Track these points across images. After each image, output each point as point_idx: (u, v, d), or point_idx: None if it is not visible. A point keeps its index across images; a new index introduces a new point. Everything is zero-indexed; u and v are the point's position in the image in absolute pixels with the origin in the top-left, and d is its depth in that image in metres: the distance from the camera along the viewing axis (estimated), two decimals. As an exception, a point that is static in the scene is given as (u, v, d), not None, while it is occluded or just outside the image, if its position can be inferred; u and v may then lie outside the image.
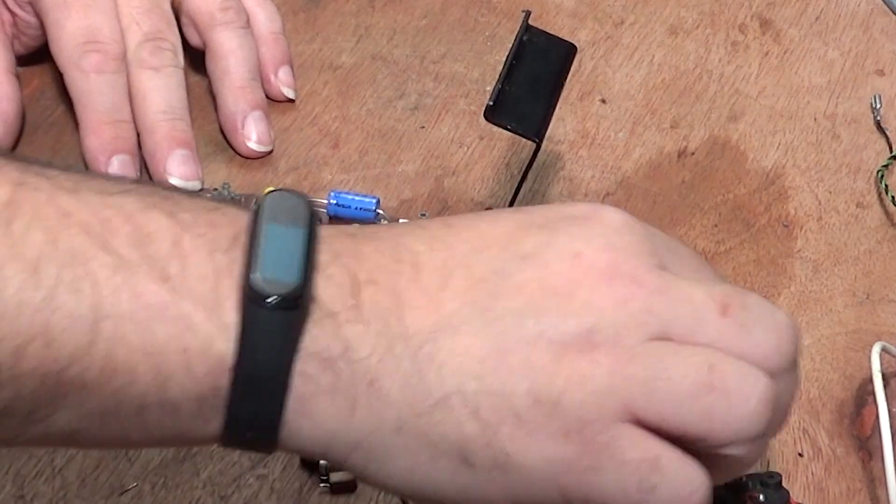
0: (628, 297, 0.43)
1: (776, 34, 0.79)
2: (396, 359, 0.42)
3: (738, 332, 0.43)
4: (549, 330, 0.43)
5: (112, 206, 0.42)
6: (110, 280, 0.40)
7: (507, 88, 0.57)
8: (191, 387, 0.41)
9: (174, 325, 0.41)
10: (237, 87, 0.68)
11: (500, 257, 0.44)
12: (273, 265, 0.41)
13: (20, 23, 0.68)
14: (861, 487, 0.57)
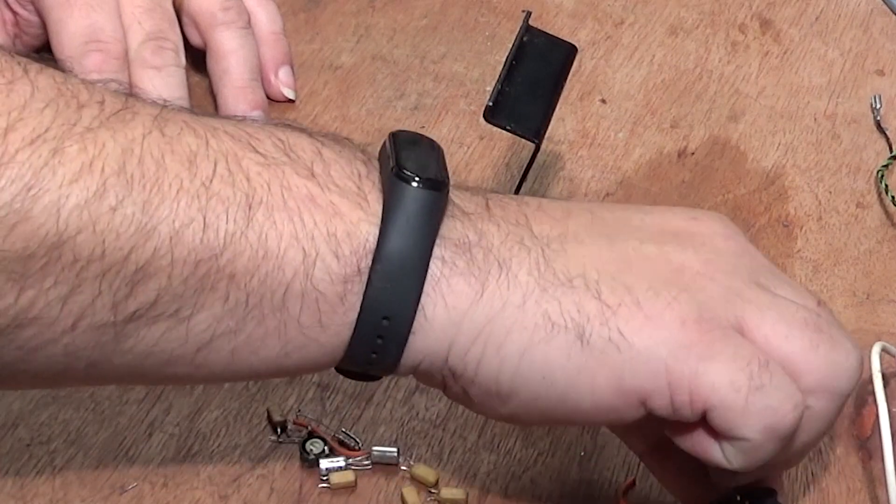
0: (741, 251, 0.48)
1: (776, 34, 0.79)
2: (526, 248, 0.46)
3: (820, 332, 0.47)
4: (670, 253, 0.47)
5: (252, 125, 0.45)
6: (261, 174, 0.43)
7: (506, 89, 0.57)
8: (336, 269, 0.44)
9: (323, 212, 0.44)
10: (237, 87, 0.68)
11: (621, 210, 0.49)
12: (416, 161, 0.45)
13: (22, 22, 0.68)
14: (861, 487, 0.57)
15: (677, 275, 0.46)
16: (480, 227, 0.46)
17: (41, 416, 0.56)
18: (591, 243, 0.47)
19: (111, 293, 0.42)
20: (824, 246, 0.67)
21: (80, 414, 0.56)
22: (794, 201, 0.69)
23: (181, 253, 0.42)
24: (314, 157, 0.45)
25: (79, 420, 0.56)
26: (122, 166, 0.41)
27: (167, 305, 0.42)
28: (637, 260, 0.47)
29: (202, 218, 0.42)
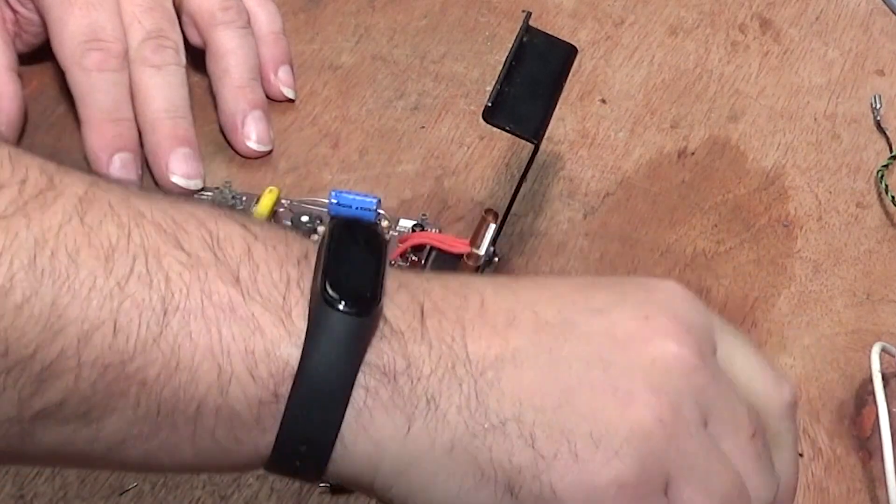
0: (693, 369, 0.43)
1: (776, 34, 0.79)
2: (458, 380, 0.42)
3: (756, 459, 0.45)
4: (616, 378, 0.43)
5: (184, 211, 0.42)
6: (182, 276, 0.40)
7: (506, 89, 0.57)
8: (252, 390, 0.41)
9: (242, 326, 0.41)
10: (237, 87, 0.68)
11: (569, 308, 0.44)
12: (346, 277, 0.42)
13: (22, 20, 0.68)
14: (861, 487, 0.57)
15: (622, 411, 0.43)
16: (410, 352, 0.42)
17: (41, 415, 0.56)
18: (531, 368, 0.43)
19: (16, 390, 0.39)
20: (824, 246, 0.67)
21: (80, 414, 0.56)
22: (794, 201, 0.69)
23: (89, 356, 0.39)
24: (242, 257, 0.42)
25: (79, 420, 0.56)
26: (33, 260, 0.39)
27: (76, 407, 0.40)
28: (580, 391, 0.43)
29: (113, 322, 0.39)
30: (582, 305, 0.44)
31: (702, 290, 0.64)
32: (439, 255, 0.62)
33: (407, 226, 0.64)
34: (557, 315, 0.44)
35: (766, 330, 0.63)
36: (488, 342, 0.43)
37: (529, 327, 0.43)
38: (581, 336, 0.43)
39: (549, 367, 0.43)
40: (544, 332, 0.43)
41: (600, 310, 0.44)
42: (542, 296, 0.44)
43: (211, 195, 0.65)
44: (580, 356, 0.43)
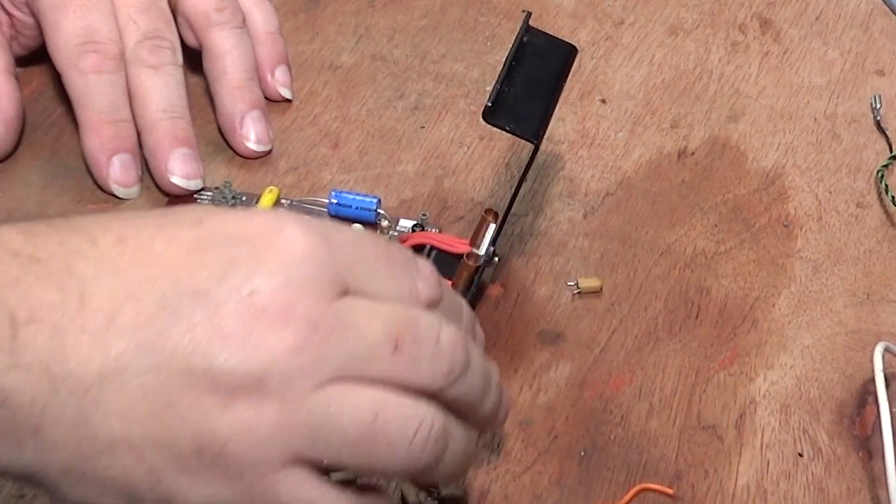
0: (302, 344, 0.42)
1: (776, 34, 0.79)
2: (61, 405, 0.41)
3: (409, 367, 0.44)
4: (218, 377, 0.42)
5: None
6: None
7: (505, 89, 0.57)
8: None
9: None
10: (234, 87, 0.68)
11: (172, 291, 0.42)
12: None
13: (18, 24, 0.68)
14: (861, 487, 0.57)
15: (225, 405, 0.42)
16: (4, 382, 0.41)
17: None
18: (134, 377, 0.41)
19: None
20: (824, 246, 0.67)
21: (79, 414, 0.56)
22: (794, 201, 0.69)
23: None
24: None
25: (78, 420, 0.56)
26: None
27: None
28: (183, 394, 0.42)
29: None
30: (186, 286, 0.42)
31: (702, 290, 0.64)
32: (439, 255, 0.62)
33: (407, 226, 0.64)
34: (160, 303, 0.42)
35: (766, 330, 0.63)
36: (89, 352, 0.41)
37: (132, 327, 0.42)
38: (184, 330, 0.42)
39: (151, 371, 0.42)
40: (146, 329, 0.42)
41: (205, 291, 0.42)
42: (147, 273, 0.42)
43: (211, 195, 0.65)
44: (182, 353, 0.42)
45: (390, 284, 0.46)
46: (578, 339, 0.61)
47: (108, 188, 0.65)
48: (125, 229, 0.43)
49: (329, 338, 0.43)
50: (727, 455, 0.57)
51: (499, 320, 0.62)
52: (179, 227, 0.44)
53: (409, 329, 0.44)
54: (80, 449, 0.42)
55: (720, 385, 0.60)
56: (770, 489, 0.56)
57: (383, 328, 0.44)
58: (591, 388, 0.59)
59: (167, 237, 0.43)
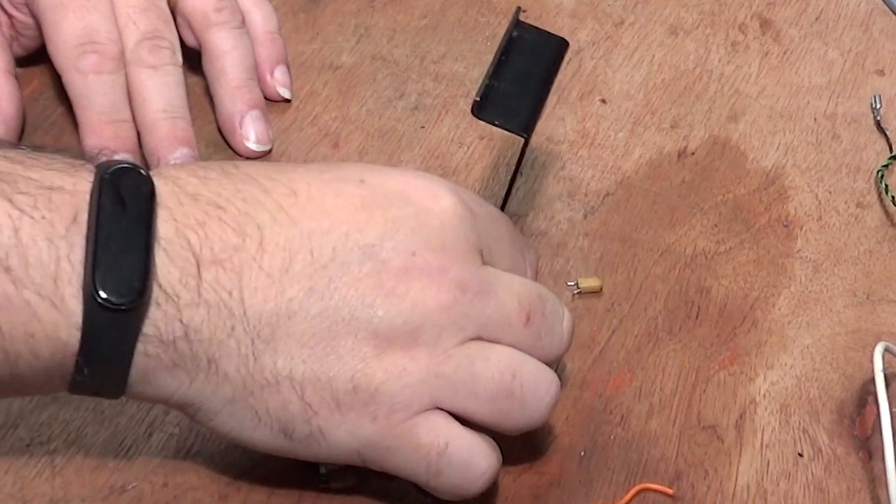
0: (453, 302, 0.48)
1: (776, 34, 0.79)
2: (237, 340, 0.46)
3: (536, 339, 0.51)
4: (378, 324, 0.47)
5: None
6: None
7: (494, 84, 0.57)
8: (38, 366, 0.44)
9: (19, 314, 0.43)
10: (234, 88, 0.68)
11: (343, 245, 0.47)
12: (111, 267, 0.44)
13: (18, 24, 0.68)
14: (861, 487, 0.57)
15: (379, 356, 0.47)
16: (187, 318, 0.45)
17: (41, 415, 0.56)
18: (303, 321, 0.47)
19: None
20: (824, 246, 0.67)
21: (80, 414, 0.56)
22: (794, 201, 0.69)
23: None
24: (10, 243, 0.43)
25: (79, 420, 0.56)
26: None
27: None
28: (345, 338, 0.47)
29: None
30: (355, 241, 0.47)
31: (702, 290, 0.64)
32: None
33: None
34: (332, 255, 0.47)
35: (766, 330, 0.63)
36: (264, 294, 0.46)
37: (305, 274, 0.46)
38: (352, 281, 0.47)
39: (318, 316, 0.46)
40: (317, 276, 0.46)
41: (372, 246, 0.47)
42: (320, 225, 0.47)
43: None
44: (348, 303, 0.47)
45: (510, 263, 0.52)
46: (578, 339, 0.61)
47: (108, 188, 0.65)
48: (293, 181, 0.48)
49: (474, 300, 0.49)
50: (727, 455, 0.57)
51: (499, 320, 0.62)
52: (345, 184, 0.49)
53: (538, 306, 0.51)
54: (247, 383, 0.46)
55: (720, 385, 0.60)
56: (770, 489, 0.56)
57: (519, 301, 0.50)
58: (591, 388, 0.59)
59: (335, 192, 0.48)
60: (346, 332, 0.47)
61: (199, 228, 0.46)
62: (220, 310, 0.45)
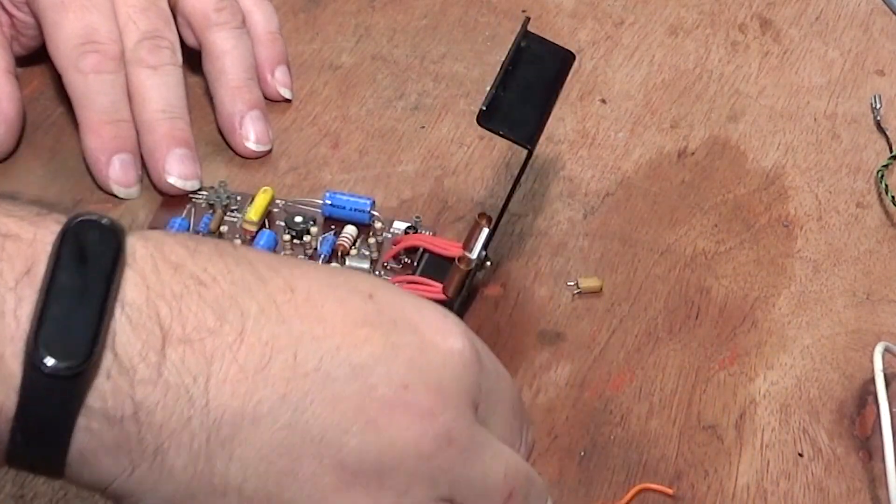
0: (434, 452, 0.42)
1: (776, 34, 0.79)
2: (190, 434, 0.40)
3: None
4: (348, 454, 0.41)
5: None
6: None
7: (501, 94, 0.57)
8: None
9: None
10: (234, 87, 0.68)
11: (332, 357, 0.42)
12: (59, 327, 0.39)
13: (18, 24, 0.68)
14: (861, 487, 0.57)
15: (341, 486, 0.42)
16: (141, 396, 0.39)
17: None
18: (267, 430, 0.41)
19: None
20: (824, 246, 0.67)
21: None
22: (794, 201, 0.69)
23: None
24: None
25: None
26: None
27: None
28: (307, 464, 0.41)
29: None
30: (345, 356, 0.42)
31: (702, 290, 0.64)
32: (431, 258, 0.62)
33: (401, 228, 0.64)
34: (317, 364, 0.41)
35: (766, 330, 0.63)
36: (233, 389, 0.40)
37: (282, 377, 0.41)
38: (331, 398, 0.41)
39: (286, 428, 0.41)
40: (295, 385, 0.41)
41: (362, 367, 0.42)
42: (311, 330, 0.42)
43: (206, 195, 0.65)
44: (322, 421, 0.41)
45: (505, 430, 0.46)
46: (578, 339, 0.61)
47: (107, 188, 0.65)
48: (294, 278, 0.43)
49: (458, 457, 0.43)
50: (727, 455, 0.57)
51: (499, 320, 0.62)
52: (351, 295, 0.43)
53: (524, 486, 0.45)
54: (192, 485, 0.41)
55: (720, 385, 0.60)
56: (770, 489, 0.56)
57: (505, 475, 0.44)
58: (591, 388, 0.59)
59: (338, 300, 0.43)
60: (311, 454, 0.41)
61: (173, 301, 0.40)
62: (180, 394, 0.40)
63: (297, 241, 0.63)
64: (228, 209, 0.64)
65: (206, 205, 0.64)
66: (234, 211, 0.64)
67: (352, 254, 0.63)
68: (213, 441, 0.40)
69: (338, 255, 0.62)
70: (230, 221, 0.64)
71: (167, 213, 0.64)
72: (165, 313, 0.40)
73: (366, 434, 0.41)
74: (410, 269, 0.62)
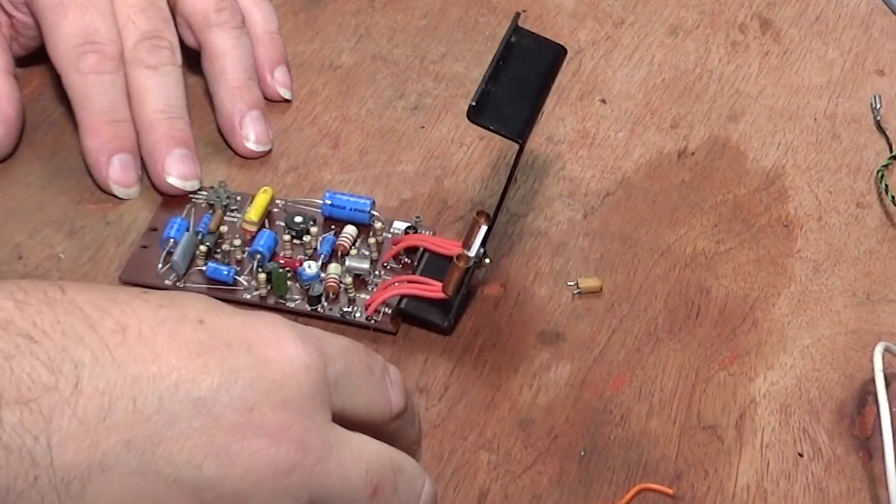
0: (291, 468, 0.42)
1: (776, 34, 0.79)
2: (40, 493, 0.40)
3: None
4: (205, 490, 0.41)
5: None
6: None
7: (491, 89, 0.57)
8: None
9: None
10: (234, 88, 0.68)
11: (172, 395, 0.41)
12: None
13: (17, 24, 0.68)
14: (861, 487, 0.57)
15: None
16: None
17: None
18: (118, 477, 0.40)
19: None
20: (824, 246, 0.67)
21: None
22: (794, 201, 0.69)
23: None
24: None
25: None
26: None
27: None
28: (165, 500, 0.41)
29: None
30: (185, 392, 0.42)
31: (702, 290, 0.64)
32: (432, 257, 0.62)
33: (401, 228, 0.64)
34: (157, 406, 0.41)
35: (766, 330, 0.62)
36: (76, 446, 0.40)
37: (125, 424, 0.41)
38: (178, 436, 0.41)
39: (137, 474, 0.41)
40: (139, 428, 0.41)
41: (204, 400, 0.42)
42: (147, 370, 0.41)
43: (206, 195, 0.65)
44: (172, 461, 0.41)
45: (372, 399, 0.46)
46: (578, 339, 0.61)
47: (107, 188, 0.65)
48: (125, 316, 0.43)
49: (316, 465, 0.43)
50: (727, 455, 0.57)
51: (499, 320, 0.62)
52: (182, 324, 0.43)
53: (390, 479, 0.45)
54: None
55: (720, 385, 0.60)
56: (770, 489, 0.56)
57: (366, 473, 0.44)
58: (591, 388, 0.59)
59: (169, 334, 0.43)
60: (168, 496, 0.41)
61: (4, 363, 0.40)
62: (22, 456, 0.39)
63: (297, 241, 0.63)
64: (228, 209, 0.64)
65: (206, 205, 0.64)
66: (234, 211, 0.64)
67: (352, 254, 0.63)
68: (64, 497, 0.40)
69: (338, 255, 0.62)
70: (230, 221, 0.64)
71: (167, 213, 0.64)
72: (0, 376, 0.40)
73: (220, 465, 0.41)
74: (410, 268, 0.62)
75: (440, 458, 0.56)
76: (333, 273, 0.61)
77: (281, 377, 0.43)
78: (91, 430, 0.40)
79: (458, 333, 0.61)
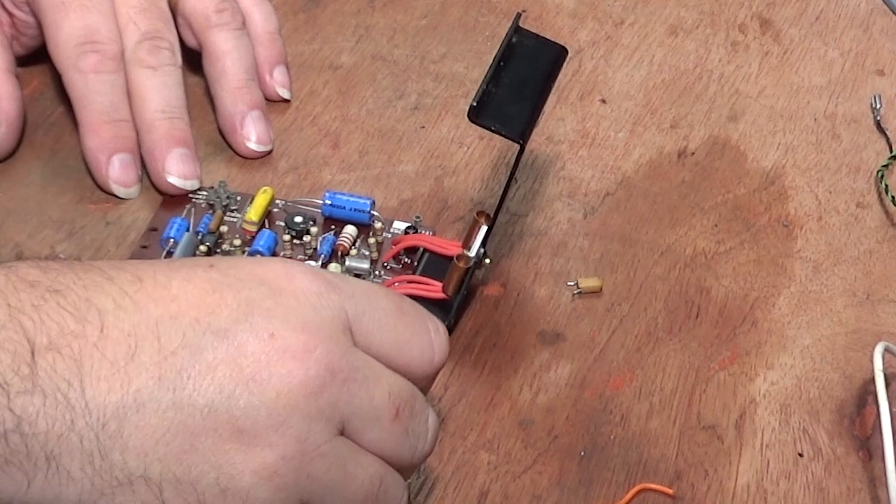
0: (320, 387, 0.43)
1: (776, 34, 0.79)
2: (78, 435, 0.41)
3: (402, 437, 0.46)
4: (241, 419, 0.42)
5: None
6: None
7: (492, 89, 0.57)
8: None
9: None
10: (234, 88, 0.68)
11: (193, 329, 0.43)
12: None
13: (18, 23, 0.68)
14: (861, 487, 0.57)
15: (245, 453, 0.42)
16: (20, 407, 0.40)
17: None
18: (153, 413, 0.41)
19: None
20: (824, 246, 0.67)
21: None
22: (794, 201, 0.69)
23: None
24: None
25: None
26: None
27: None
28: (204, 435, 0.42)
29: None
30: (206, 324, 0.43)
31: (702, 290, 0.64)
32: (432, 257, 0.62)
33: (400, 227, 0.64)
34: (182, 341, 0.42)
35: (766, 330, 0.63)
36: (108, 384, 0.41)
37: (152, 362, 0.42)
38: (205, 368, 0.42)
39: (171, 409, 0.42)
40: (166, 365, 0.42)
41: (225, 330, 0.43)
42: (167, 310, 0.43)
43: (206, 195, 0.65)
44: (204, 393, 0.42)
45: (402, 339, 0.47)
46: (578, 339, 0.61)
47: (107, 188, 0.65)
48: (139, 270, 0.44)
49: (343, 386, 0.44)
50: (727, 455, 0.57)
51: (499, 320, 0.62)
52: (194, 269, 0.45)
53: (409, 403, 0.46)
54: (96, 483, 0.41)
55: (720, 385, 0.60)
56: (770, 489, 0.56)
57: (389, 394, 0.46)
58: (591, 388, 0.59)
59: (183, 277, 0.44)
60: (205, 427, 0.42)
61: (33, 313, 0.42)
62: (58, 400, 0.41)
63: (297, 241, 0.63)
64: (228, 209, 0.64)
65: (206, 205, 0.65)
66: (234, 211, 0.64)
67: (352, 254, 0.63)
68: (102, 437, 0.41)
69: (338, 255, 0.62)
70: (230, 221, 0.64)
71: (167, 212, 0.64)
72: (29, 326, 0.41)
73: (251, 392, 0.42)
74: (410, 269, 0.62)
75: (440, 458, 0.56)
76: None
77: (296, 303, 0.44)
78: (121, 370, 0.42)
79: (458, 333, 0.61)
